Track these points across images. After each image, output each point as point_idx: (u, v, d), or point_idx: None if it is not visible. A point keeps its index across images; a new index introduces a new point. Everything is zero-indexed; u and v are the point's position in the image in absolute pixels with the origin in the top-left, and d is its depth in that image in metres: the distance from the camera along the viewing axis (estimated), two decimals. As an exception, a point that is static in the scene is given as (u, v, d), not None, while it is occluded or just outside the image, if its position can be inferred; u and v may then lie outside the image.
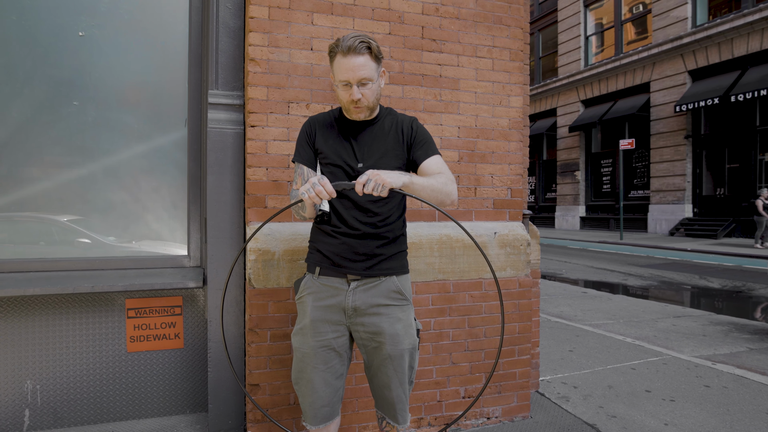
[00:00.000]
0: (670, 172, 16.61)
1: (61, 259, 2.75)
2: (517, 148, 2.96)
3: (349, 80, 1.75)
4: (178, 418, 2.85)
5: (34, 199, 2.79)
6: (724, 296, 7.39)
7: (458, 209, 2.82)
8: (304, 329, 1.89)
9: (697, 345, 4.53)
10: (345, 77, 1.75)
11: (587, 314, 5.88)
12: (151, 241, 2.98)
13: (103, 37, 2.82)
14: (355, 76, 1.74)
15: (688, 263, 10.91)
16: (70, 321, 2.71)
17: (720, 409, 3.07)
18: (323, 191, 1.61)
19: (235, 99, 2.64)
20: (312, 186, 1.62)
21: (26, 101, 2.75)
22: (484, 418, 2.83)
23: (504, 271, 2.84)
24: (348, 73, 1.74)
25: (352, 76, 1.74)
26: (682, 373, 3.72)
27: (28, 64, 2.72)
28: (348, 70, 1.74)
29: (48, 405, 2.68)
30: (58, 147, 2.80)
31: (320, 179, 1.62)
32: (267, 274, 2.44)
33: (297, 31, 2.53)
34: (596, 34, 20.24)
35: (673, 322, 5.49)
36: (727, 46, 14.84)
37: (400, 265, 1.94)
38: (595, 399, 3.23)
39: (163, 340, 2.86)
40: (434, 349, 2.71)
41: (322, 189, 1.61)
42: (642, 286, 8.24)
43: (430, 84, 2.76)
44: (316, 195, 1.61)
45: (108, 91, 2.85)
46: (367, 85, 1.77)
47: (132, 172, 2.93)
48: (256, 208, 2.50)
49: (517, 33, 2.94)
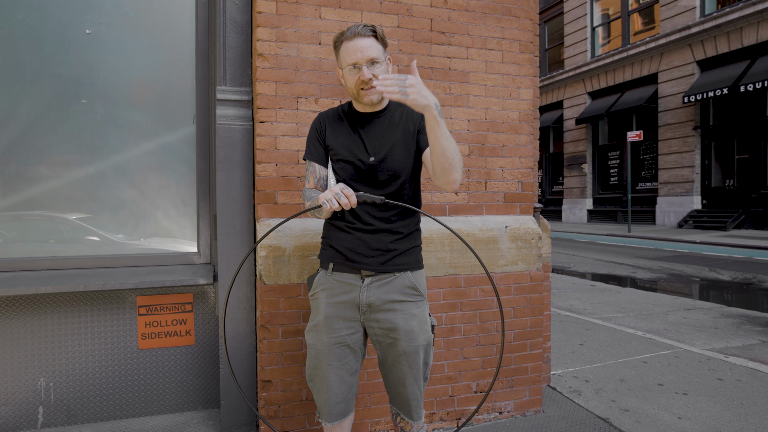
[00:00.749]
0: (679, 163, 16.48)
1: (72, 257, 2.76)
2: (528, 141, 2.94)
3: (358, 60, 1.73)
4: (190, 415, 2.86)
5: (43, 197, 2.80)
6: (734, 288, 7.33)
7: (469, 203, 2.80)
8: (318, 326, 1.88)
9: (709, 338, 4.50)
10: (353, 59, 1.74)
11: (597, 307, 5.85)
12: (161, 238, 2.98)
13: (110, 35, 2.81)
14: (363, 55, 1.73)
15: (698, 255, 10.83)
16: (82, 319, 2.72)
17: (734, 402, 3.04)
18: (348, 203, 1.62)
19: (243, 95, 2.63)
20: (336, 196, 1.61)
21: (35, 100, 2.75)
22: (496, 412, 2.82)
23: (515, 265, 2.82)
24: (356, 54, 1.73)
25: (360, 56, 1.73)
26: (694, 366, 3.69)
27: (36, 63, 2.72)
28: (356, 50, 1.73)
29: (61, 402, 2.69)
30: (67, 145, 2.81)
31: (343, 189, 1.61)
32: (278, 271, 2.43)
33: (305, 26, 2.52)
34: (603, 25, 20.05)
35: (684, 314, 5.45)
36: (736, 36, 14.65)
37: (415, 261, 1.92)
38: (608, 393, 3.21)
39: (174, 337, 2.86)
40: (446, 344, 2.70)
41: (347, 201, 1.61)
42: (651, 279, 8.19)
43: (439, 77, 2.74)
44: (339, 206, 1.61)
45: (116, 88, 2.85)
46: (375, 66, 1.75)
47: (141, 170, 2.93)
48: (265, 204, 2.49)
49: (526, 24, 2.91)
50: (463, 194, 2.79)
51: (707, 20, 15.22)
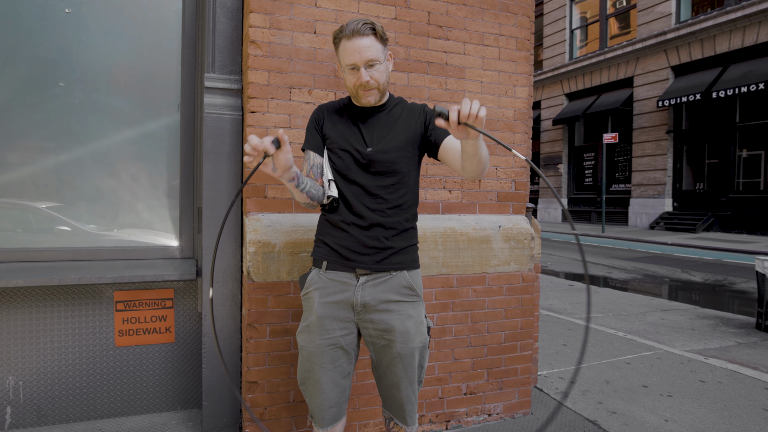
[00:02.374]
0: (652, 166, 16.81)
1: (45, 249, 2.61)
2: (522, 140, 2.90)
3: (356, 63, 1.70)
4: (168, 415, 2.74)
5: (16, 185, 2.64)
6: (707, 290, 7.50)
7: (462, 201, 2.75)
8: (310, 327, 1.80)
9: (687, 339, 4.56)
10: (351, 60, 1.70)
11: (576, 307, 5.89)
12: (141, 230, 2.85)
13: (91, 15, 2.66)
14: (361, 57, 1.69)
15: (670, 257, 11.06)
16: (56, 314, 2.58)
17: (717, 404, 3.07)
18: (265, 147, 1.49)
19: (232, 83, 2.52)
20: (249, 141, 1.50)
21: (8, 81, 2.58)
22: (485, 414, 2.79)
23: (508, 266, 2.78)
24: (354, 56, 1.69)
25: (359, 57, 1.69)
26: (676, 367, 3.72)
27: (10, 42, 2.55)
28: (354, 52, 1.68)
29: (31, 402, 2.55)
30: (42, 130, 2.65)
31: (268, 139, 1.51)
32: (267, 268, 2.33)
33: (300, 13, 2.42)
34: (581, 27, 20.30)
35: (661, 315, 5.53)
36: (709, 43, 14.99)
37: (411, 260, 1.86)
38: (594, 394, 3.20)
39: (153, 334, 2.74)
40: (437, 344, 2.65)
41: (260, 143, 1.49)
42: (627, 279, 8.31)
43: (435, 72, 2.67)
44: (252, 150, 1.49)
45: (96, 72, 2.70)
46: (374, 67, 1.72)
47: (121, 158, 2.79)
48: (255, 198, 2.39)
49: (523, 21, 2.86)
50: (457, 192, 2.74)
51: (682, 27, 15.53)
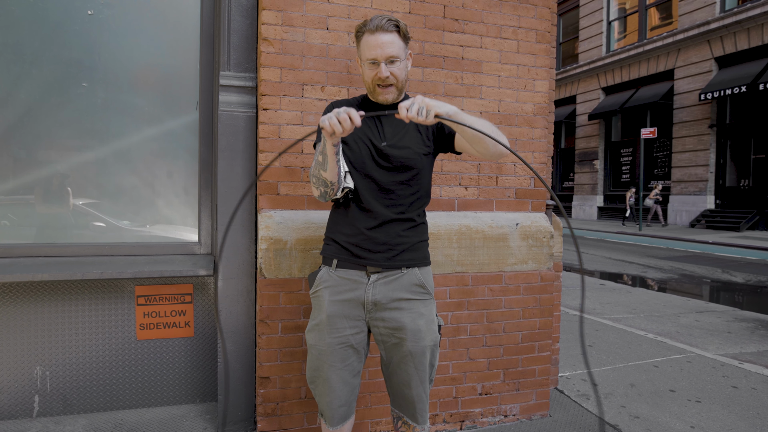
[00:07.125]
0: (693, 162, 16.20)
1: (70, 245, 2.69)
2: (542, 135, 2.82)
3: (377, 57, 1.68)
4: (187, 408, 2.80)
5: (43, 183, 2.73)
6: (748, 291, 7.17)
7: (478, 198, 2.70)
8: (320, 325, 1.80)
9: (722, 342, 4.37)
10: (372, 54, 1.68)
11: (606, 307, 5.73)
12: (162, 226, 2.91)
13: (112, 17, 2.73)
14: (383, 53, 1.67)
15: (710, 256, 10.64)
16: (80, 307, 2.66)
17: (749, 412, 2.93)
18: (347, 120, 1.46)
19: (247, 81, 2.53)
20: (335, 114, 1.46)
21: (35, 82, 2.67)
22: (501, 415, 2.74)
23: (525, 264, 2.72)
24: (376, 50, 1.68)
25: (380, 53, 1.67)
26: (707, 372, 3.57)
27: (35, 44, 2.64)
28: (376, 46, 1.67)
29: (57, 391, 2.64)
30: (67, 129, 2.73)
31: (347, 109, 1.48)
32: (278, 264, 2.35)
33: (312, 9, 2.41)
34: (619, 19, 19.69)
35: (696, 317, 5.32)
36: (756, 32, 14.31)
37: (422, 257, 1.84)
38: (617, 398, 3.11)
39: (173, 328, 2.80)
40: (451, 344, 2.61)
41: (347, 117, 1.46)
42: (662, 279, 8.04)
43: (451, 66, 2.63)
44: (338, 123, 1.46)
45: (117, 72, 2.76)
46: (395, 64, 1.70)
47: (142, 156, 2.85)
48: (267, 194, 2.41)
49: (544, 13, 2.78)
50: (473, 189, 2.69)
51: (727, 16, 14.87)
